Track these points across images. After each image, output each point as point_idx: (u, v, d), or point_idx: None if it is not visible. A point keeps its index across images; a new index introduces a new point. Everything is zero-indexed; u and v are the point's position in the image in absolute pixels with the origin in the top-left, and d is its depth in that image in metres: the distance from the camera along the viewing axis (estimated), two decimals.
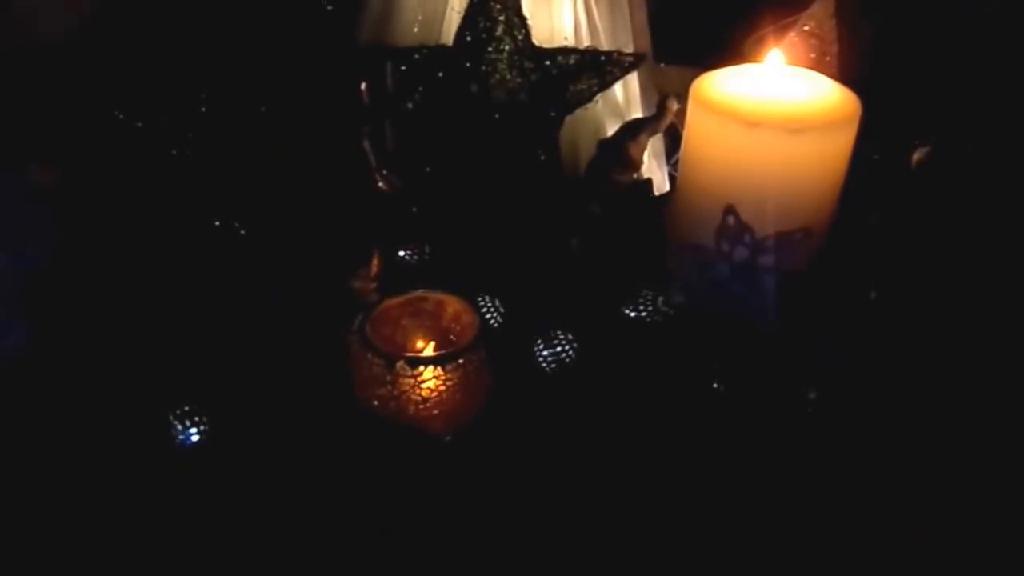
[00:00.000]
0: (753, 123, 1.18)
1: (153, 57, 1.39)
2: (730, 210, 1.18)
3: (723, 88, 1.24)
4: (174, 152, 1.42)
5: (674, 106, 1.29)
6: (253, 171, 1.39)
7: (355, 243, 1.31)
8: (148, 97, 1.40)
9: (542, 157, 1.55)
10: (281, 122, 1.35)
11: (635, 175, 1.33)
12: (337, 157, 1.31)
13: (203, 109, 1.42)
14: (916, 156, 1.24)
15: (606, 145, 1.32)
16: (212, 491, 1.11)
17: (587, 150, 1.45)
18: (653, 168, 1.62)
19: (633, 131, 1.31)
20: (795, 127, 1.17)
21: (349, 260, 1.25)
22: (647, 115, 1.42)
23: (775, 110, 1.20)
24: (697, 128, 1.25)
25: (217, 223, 1.41)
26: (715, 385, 1.20)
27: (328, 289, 1.21)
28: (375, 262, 1.32)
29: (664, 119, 1.31)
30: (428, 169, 1.54)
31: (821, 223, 1.22)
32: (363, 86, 1.30)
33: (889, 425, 1.18)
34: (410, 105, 1.33)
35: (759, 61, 1.30)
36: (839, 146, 1.21)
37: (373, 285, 1.25)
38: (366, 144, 1.31)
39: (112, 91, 1.40)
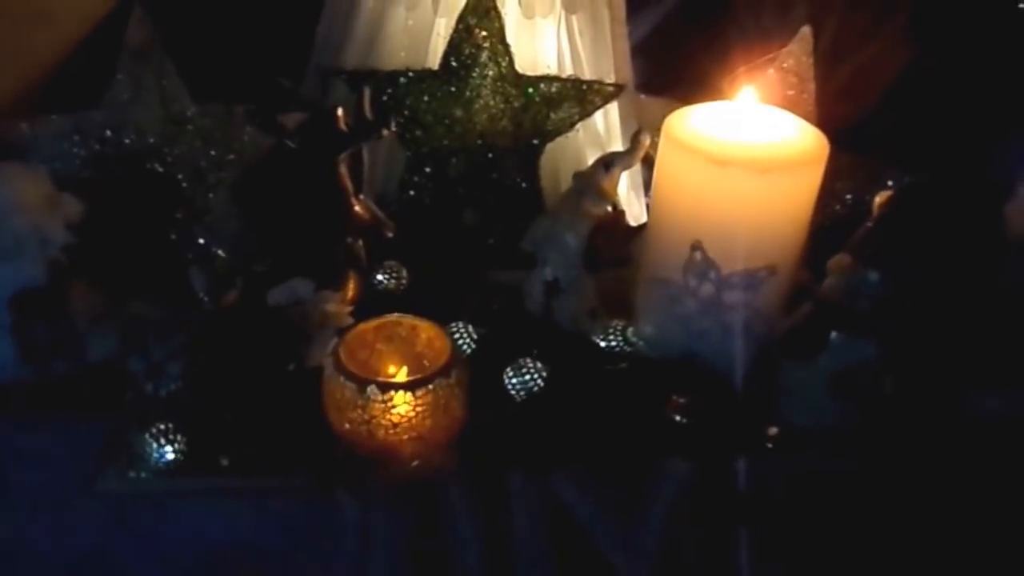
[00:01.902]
0: (721, 162, 1.19)
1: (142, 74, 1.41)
2: (697, 246, 1.20)
3: (694, 126, 1.26)
4: (159, 168, 1.43)
5: (647, 141, 1.31)
6: (233, 194, 1.41)
7: (330, 267, 1.33)
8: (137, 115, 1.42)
9: (523, 184, 1.57)
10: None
11: (609, 207, 1.35)
12: (314, 182, 1.31)
13: (189, 127, 1.44)
14: (878, 200, 1.25)
15: (580, 177, 1.34)
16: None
17: (567, 178, 1.47)
18: (631, 199, 1.64)
19: (607, 165, 1.32)
20: (762, 167, 1.19)
21: (324, 284, 1.26)
22: (621, 149, 1.43)
23: (743, 150, 1.22)
24: (668, 164, 1.26)
25: (202, 240, 1.42)
26: (677, 418, 1.22)
27: (304, 313, 1.22)
28: (351, 286, 1.34)
29: (637, 153, 1.32)
30: (411, 193, 1.57)
31: (787, 262, 1.24)
32: (339, 112, 1.31)
33: (856, 458, 1.20)
34: (386, 132, 1.34)
35: (733, 98, 1.31)
36: (805, 187, 1.23)
37: (348, 309, 1.26)
38: (343, 170, 1.32)
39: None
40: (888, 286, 1.17)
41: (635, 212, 1.63)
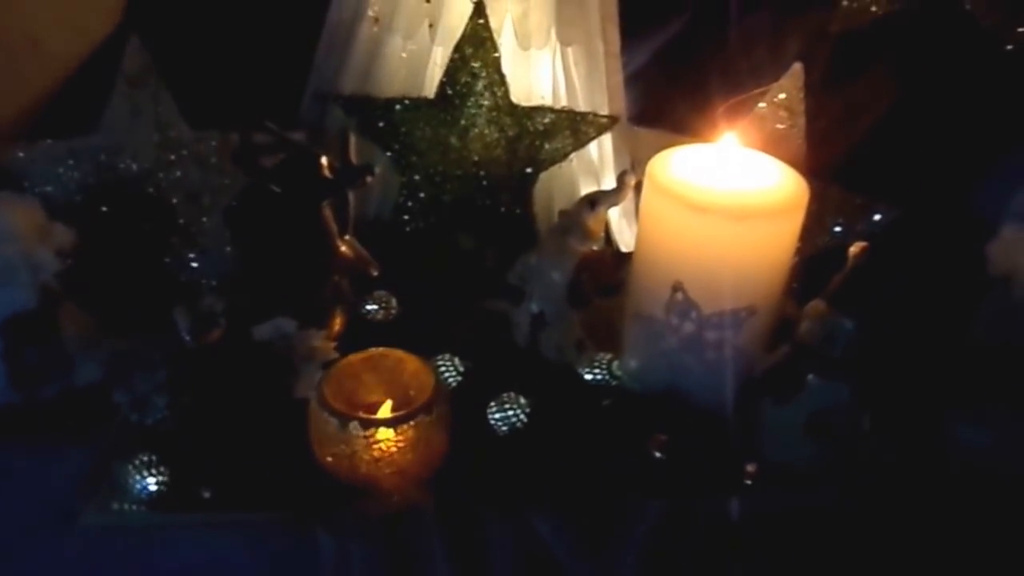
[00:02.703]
0: (700, 208, 1.20)
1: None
2: (678, 287, 1.21)
3: (676, 170, 1.26)
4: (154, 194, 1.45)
5: (632, 181, 1.31)
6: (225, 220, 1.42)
7: (315, 306, 1.34)
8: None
9: (516, 211, 1.59)
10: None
11: (593, 246, 1.36)
12: (299, 224, 1.32)
13: (184, 153, 1.45)
14: (853, 250, 1.26)
15: (566, 215, 1.35)
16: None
17: (561, 206, 1.48)
18: (623, 227, 1.65)
19: (592, 203, 1.33)
20: (740, 215, 1.20)
21: (310, 321, 1.27)
22: (614, 181, 1.44)
23: (722, 197, 1.22)
24: (650, 207, 1.27)
25: (195, 264, 1.44)
26: (657, 454, 1.23)
27: (289, 347, 1.23)
28: (336, 321, 1.35)
29: (623, 192, 1.33)
30: (405, 218, 1.58)
31: (768, 302, 1.25)
32: (323, 160, 1.31)
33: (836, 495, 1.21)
34: (370, 179, 1.34)
35: (723, 134, 1.32)
36: (784, 232, 1.23)
37: (332, 344, 1.27)
38: (327, 213, 1.33)
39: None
40: (863, 333, 1.18)
41: (627, 239, 1.64)
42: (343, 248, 1.38)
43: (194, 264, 1.46)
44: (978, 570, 1.15)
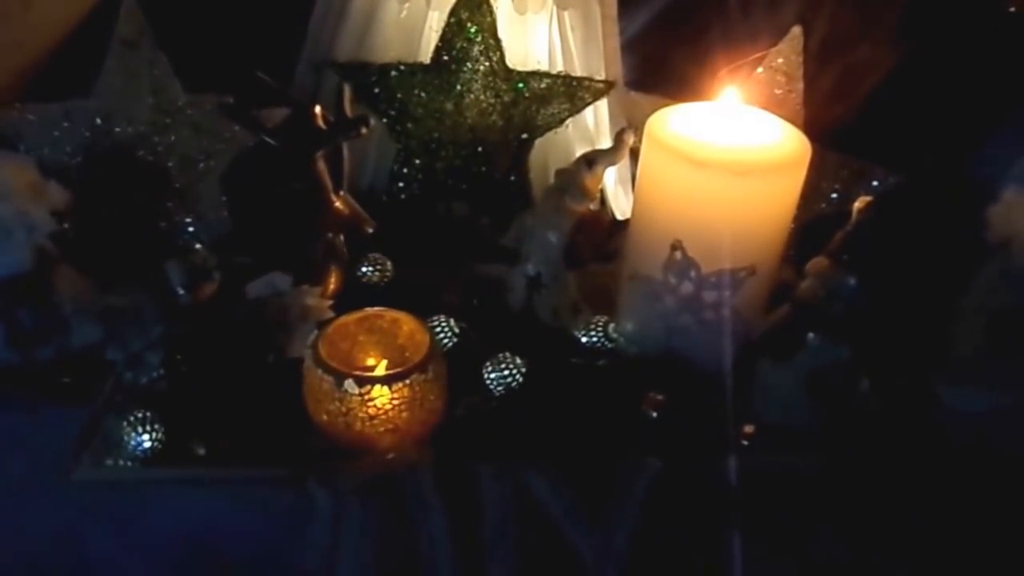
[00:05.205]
0: (700, 163, 1.20)
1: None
2: (676, 245, 1.20)
3: (675, 126, 1.26)
4: (149, 157, 1.44)
5: (630, 139, 1.31)
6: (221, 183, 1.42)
7: (310, 262, 1.34)
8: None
9: (511, 178, 1.58)
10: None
11: (590, 205, 1.35)
12: (293, 178, 1.32)
13: (179, 117, 1.44)
14: (857, 205, 1.26)
15: (563, 175, 1.34)
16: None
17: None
18: (618, 193, 1.64)
19: (590, 162, 1.32)
20: (740, 169, 1.19)
21: (304, 278, 1.26)
22: (604, 147, 1.43)
23: (723, 151, 1.22)
24: (649, 164, 1.27)
25: (191, 229, 1.43)
26: (653, 415, 1.22)
27: (284, 305, 1.22)
28: (331, 280, 1.34)
29: (620, 151, 1.32)
30: (400, 185, 1.57)
31: (768, 262, 1.24)
32: (317, 110, 1.30)
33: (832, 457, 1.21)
34: (364, 131, 1.33)
35: (718, 98, 1.32)
36: (785, 189, 1.23)
37: (327, 303, 1.26)
38: (321, 166, 1.32)
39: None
40: (865, 290, 1.17)
41: (622, 206, 1.64)
42: (338, 204, 1.37)
43: (190, 229, 1.45)
44: (970, 537, 1.14)
